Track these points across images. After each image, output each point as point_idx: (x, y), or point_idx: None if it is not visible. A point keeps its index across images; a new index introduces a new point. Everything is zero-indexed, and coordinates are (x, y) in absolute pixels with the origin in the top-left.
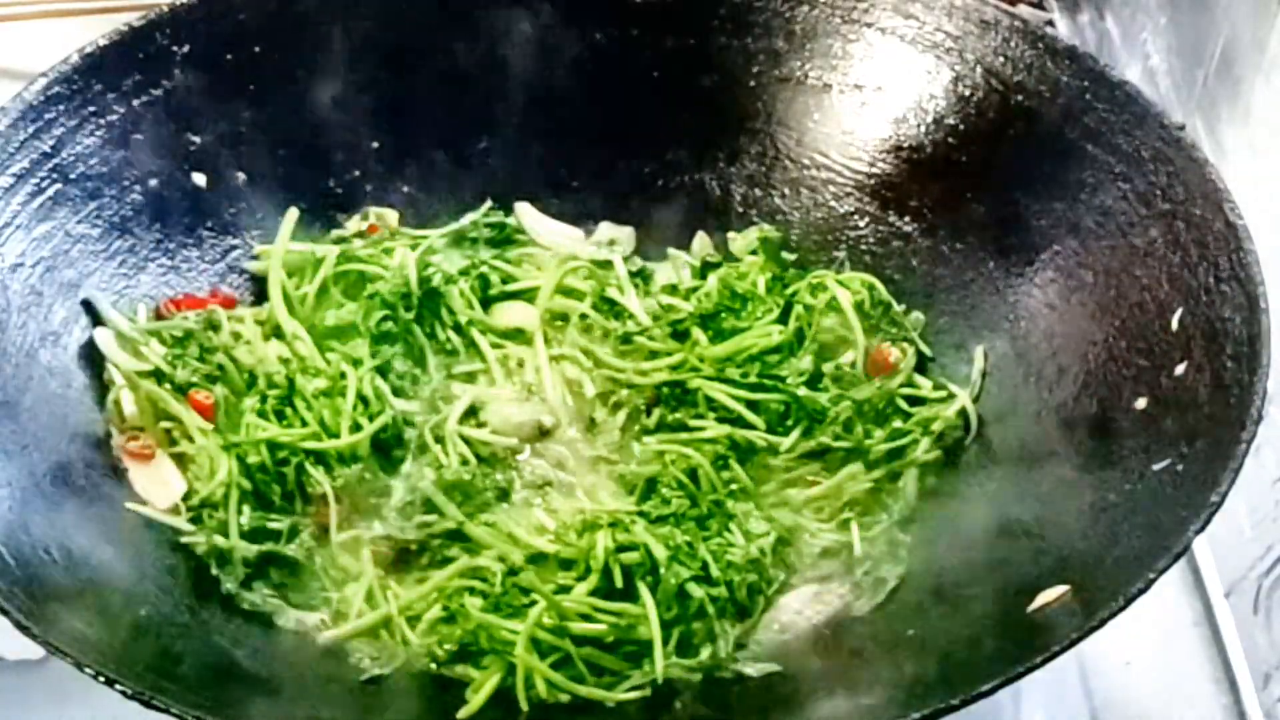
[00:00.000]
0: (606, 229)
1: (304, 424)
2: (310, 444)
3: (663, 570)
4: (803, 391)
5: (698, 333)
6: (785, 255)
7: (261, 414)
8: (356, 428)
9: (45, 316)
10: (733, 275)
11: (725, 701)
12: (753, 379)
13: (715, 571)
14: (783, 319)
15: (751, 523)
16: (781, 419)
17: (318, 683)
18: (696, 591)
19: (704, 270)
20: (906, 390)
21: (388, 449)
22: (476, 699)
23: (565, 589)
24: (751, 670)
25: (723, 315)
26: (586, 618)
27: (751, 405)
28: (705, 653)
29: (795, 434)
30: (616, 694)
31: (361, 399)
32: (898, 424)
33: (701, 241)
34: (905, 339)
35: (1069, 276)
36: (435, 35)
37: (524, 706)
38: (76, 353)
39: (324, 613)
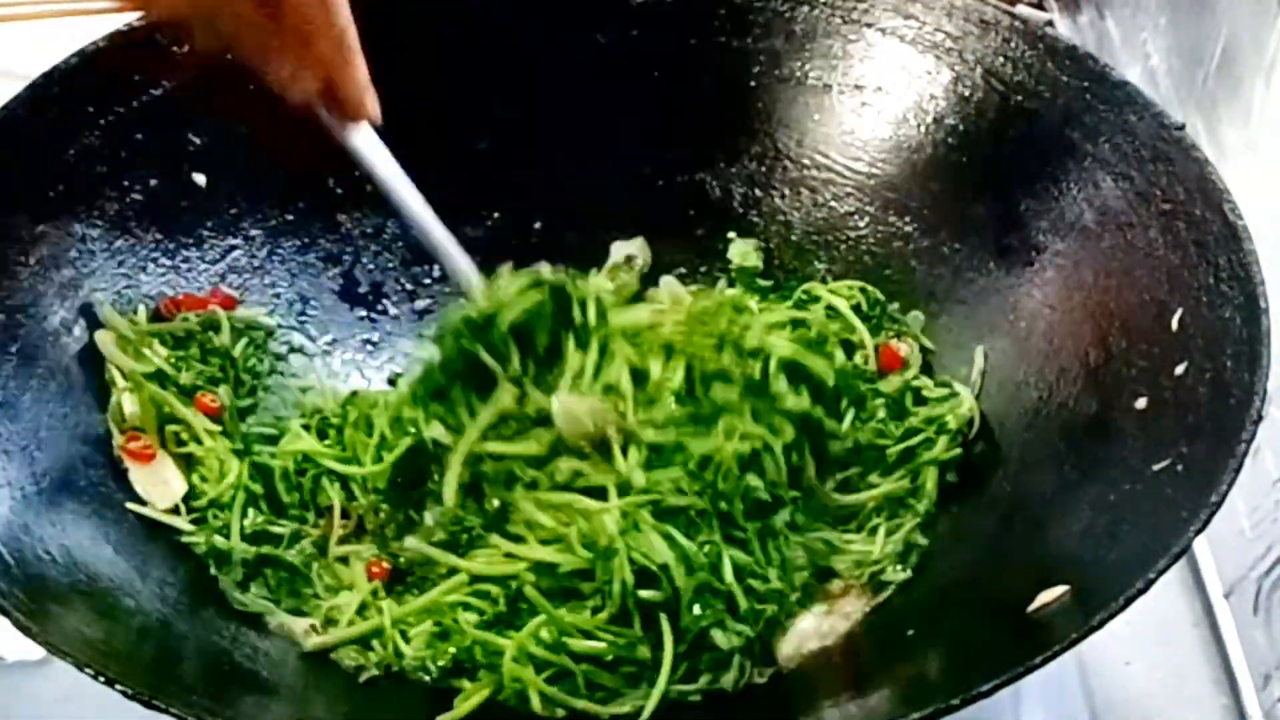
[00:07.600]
0: (620, 248)
1: (342, 448)
2: (337, 465)
3: (684, 612)
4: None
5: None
6: (761, 281)
7: (306, 428)
8: (380, 459)
9: (45, 316)
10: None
11: (728, 706)
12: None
13: (743, 605)
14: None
15: (788, 549)
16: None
17: (318, 683)
18: (721, 641)
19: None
20: (916, 384)
21: (419, 480)
22: (464, 707)
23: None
24: (756, 677)
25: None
26: (587, 634)
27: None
28: (705, 679)
29: (849, 417)
30: (611, 708)
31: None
32: (913, 421)
33: (668, 285)
34: (908, 334)
35: (1069, 276)
36: (435, 36)
37: None
38: (77, 353)
39: (314, 619)
